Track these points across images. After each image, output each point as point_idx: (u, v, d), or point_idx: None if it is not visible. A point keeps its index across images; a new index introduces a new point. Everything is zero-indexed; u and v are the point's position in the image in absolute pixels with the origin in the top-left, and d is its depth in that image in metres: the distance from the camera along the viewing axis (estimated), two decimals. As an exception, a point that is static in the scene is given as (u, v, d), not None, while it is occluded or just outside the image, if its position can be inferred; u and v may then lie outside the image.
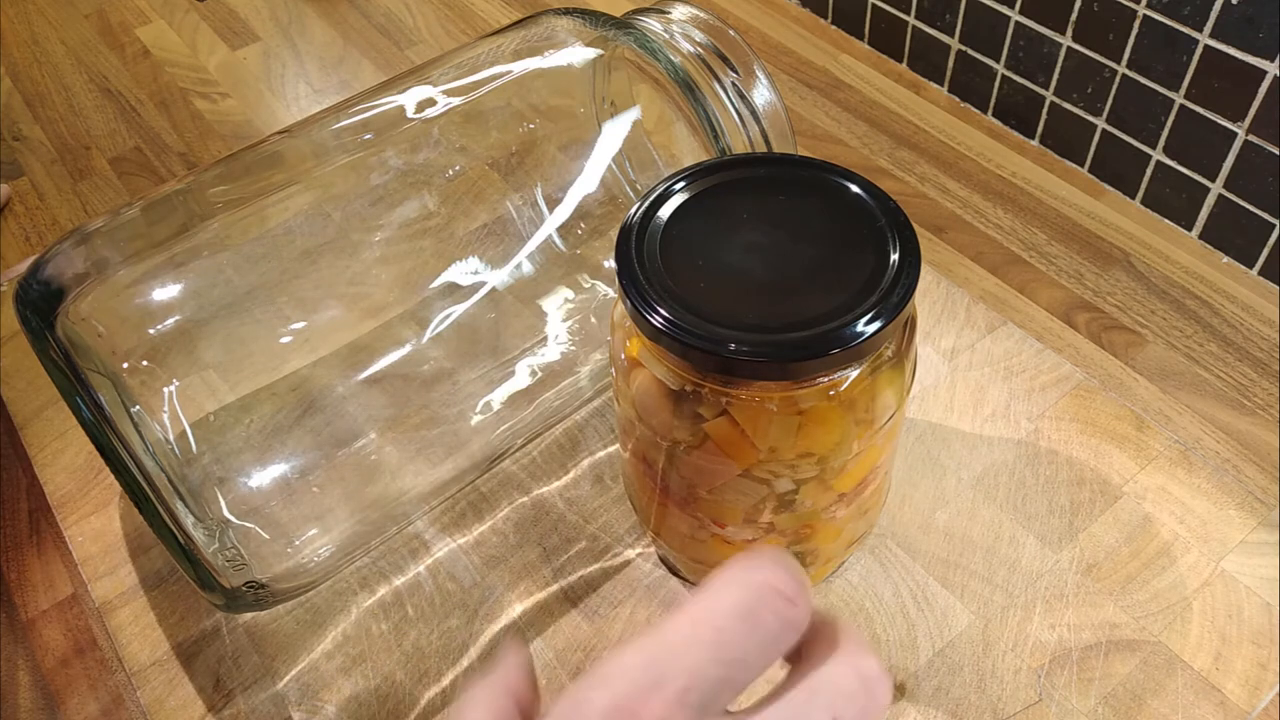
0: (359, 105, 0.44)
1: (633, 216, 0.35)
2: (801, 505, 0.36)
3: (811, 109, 0.65)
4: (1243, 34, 0.48)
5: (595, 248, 0.45)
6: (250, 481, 0.38)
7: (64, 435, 0.49)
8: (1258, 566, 0.42)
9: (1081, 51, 0.56)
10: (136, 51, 0.73)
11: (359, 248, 0.41)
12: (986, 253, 0.56)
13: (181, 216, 0.40)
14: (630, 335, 0.35)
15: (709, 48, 0.44)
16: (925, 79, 0.66)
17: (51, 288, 0.37)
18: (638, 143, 0.47)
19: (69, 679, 0.42)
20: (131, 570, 0.44)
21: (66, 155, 0.65)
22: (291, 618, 0.42)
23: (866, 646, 0.23)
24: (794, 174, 0.36)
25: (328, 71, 0.70)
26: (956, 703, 0.39)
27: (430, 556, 0.44)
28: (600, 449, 0.47)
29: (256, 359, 0.39)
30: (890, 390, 0.35)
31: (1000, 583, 0.42)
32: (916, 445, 0.47)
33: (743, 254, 0.33)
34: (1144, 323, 0.52)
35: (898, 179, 0.60)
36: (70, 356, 0.35)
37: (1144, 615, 0.41)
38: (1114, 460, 0.46)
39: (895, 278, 0.32)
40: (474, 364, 0.42)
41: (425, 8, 0.75)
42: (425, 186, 0.43)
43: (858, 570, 0.43)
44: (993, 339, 0.51)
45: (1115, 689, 0.39)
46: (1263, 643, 0.40)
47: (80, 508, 0.46)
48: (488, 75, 0.45)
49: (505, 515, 0.45)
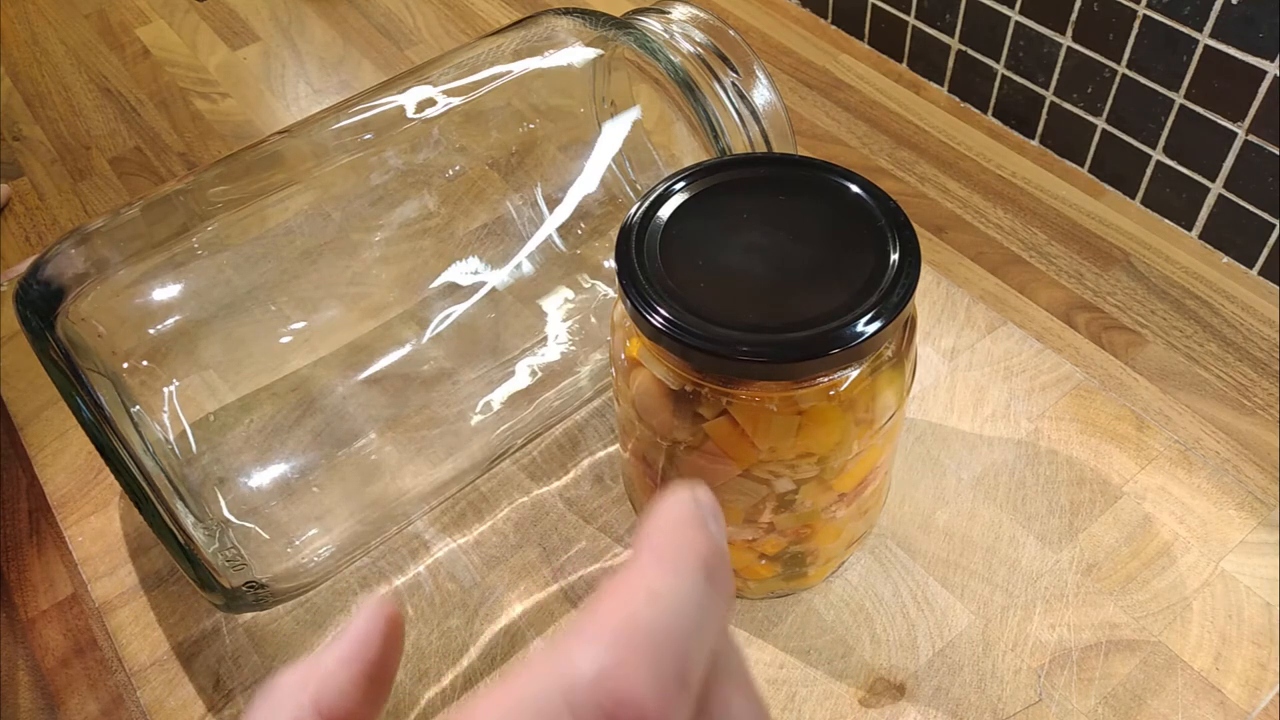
0: (359, 105, 0.44)
1: (633, 216, 0.35)
2: (801, 505, 0.36)
3: (811, 109, 0.65)
4: (1243, 34, 0.48)
5: (595, 248, 0.45)
6: (250, 481, 0.38)
7: (64, 435, 0.49)
8: (1258, 566, 0.42)
9: (1081, 51, 0.56)
10: (136, 51, 0.73)
11: (359, 248, 0.41)
12: (986, 253, 0.56)
13: (181, 216, 0.40)
14: (630, 335, 0.35)
15: (709, 48, 0.43)
16: (925, 79, 0.66)
17: (51, 288, 0.37)
18: (638, 143, 0.47)
19: (69, 679, 0.42)
20: (131, 570, 0.44)
21: (66, 155, 0.65)
22: (291, 618, 0.42)
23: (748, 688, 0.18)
24: (794, 174, 0.36)
25: (328, 71, 0.70)
26: (956, 703, 0.39)
27: (430, 556, 0.44)
28: (600, 449, 0.47)
29: (256, 359, 0.39)
30: (890, 390, 0.35)
31: (1000, 583, 0.42)
32: (916, 445, 0.47)
33: (743, 254, 0.33)
34: (1144, 323, 0.52)
35: (898, 179, 0.60)
36: (70, 356, 0.35)
37: (1144, 615, 0.41)
38: (1114, 460, 0.46)
39: (895, 278, 0.32)
40: (474, 364, 0.42)
41: (425, 8, 0.75)
42: (425, 186, 0.43)
43: (858, 570, 0.43)
44: (993, 339, 0.51)
45: (1115, 689, 0.39)
46: (1263, 643, 0.40)
47: (80, 508, 0.46)
48: (488, 75, 0.45)
49: (505, 515, 0.45)
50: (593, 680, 0.15)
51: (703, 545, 0.17)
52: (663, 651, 0.16)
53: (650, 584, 0.16)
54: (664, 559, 0.17)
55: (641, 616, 0.16)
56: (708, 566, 0.17)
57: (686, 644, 0.16)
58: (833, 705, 0.39)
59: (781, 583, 0.41)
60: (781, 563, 0.39)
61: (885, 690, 0.39)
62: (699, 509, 0.18)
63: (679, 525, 0.17)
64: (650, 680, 0.15)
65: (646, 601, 0.16)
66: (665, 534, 0.17)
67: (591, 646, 0.16)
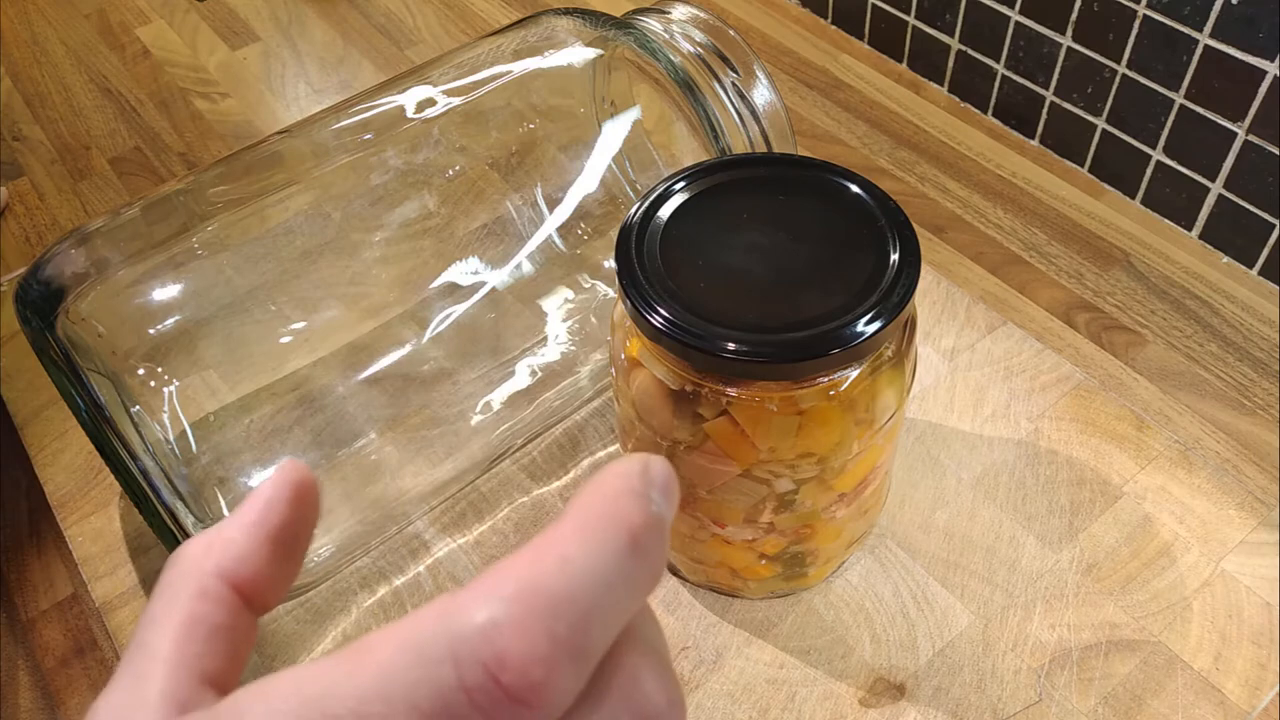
0: (359, 105, 0.44)
1: (633, 216, 0.35)
2: (801, 505, 0.36)
3: (811, 109, 0.65)
4: (1243, 34, 0.48)
5: (595, 248, 0.45)
6: (250, 481, 0.38)
7: (64, 435, 0.49)
8: (1258, 566, 0.42)
9: (1081, 51, 0.56)
10: (136, 51, 0.73)
11: (359, 248, 0.41)
12: (986, 253, 0.56)
13: (181, 216, 0.40)
14: (630, 335, 0.35)
15: (709, 48, 0.43)
16: (925, 79, 0.66)
17: (51, 288, 0.37)
18: (638, 143, 0.47)
19: (69, 679, 0.42)
20: (131, 570, 0.44)
21: (66, 155, 0.65)
22: (291, 618, 0.42)
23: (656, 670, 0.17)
24: (794, 174, 0.36)
25: (328, 71, 0.70)
26: (956, 703, 0.39)
27: (430, 556, 0.44)
28: (600, 449, 0.47)
29: (256, 359, 0.39)
30: (890, 390, 0.35)
31: (1000, 583, 0.42)
32: (916, 445, 0.47)
33: (743, 254, 0.33)
34: (1144, 323, 0.52)
35: (898, 179, 0.60)
36: (70, 356, 0.35)
37: (1144, 615, 0.41)
38: (1114, 460, 0.46)
39: (895, 278, 0.32)
40: (474, 364, 0.42)
41: (425, 8, 0.75)
42: (425, 186, 0.43)
43: (858, 570, 0.43)
44: (993, 339, 0.51)
45: (1115, 689, 0.39)
46: (1263, 643, 0.40)
47: (80, 508, 0.46)
48: (488, 75, 0.45)
49: (505, 515, 0.45)
50: (479, 632, 0.15)
51: (635, 517, 0.16)
52: (559, 617, 0.15)
53: (564, 549, 0.16)
54: (586, 526, 0.16)
55: (545, 579, 0.15)
56: (634, 539, 0.16)
57: (589, 614, 0.15)
58: (833, 705, 0.39)
59: (781, 583, 0.41)
60: (781, 563, 0.39)
61: (885, 690, 0.39)
62: (644, 480, 0.17)
63: (614, 495, 0.17)
64: (539, 643, 0.15)
65: (556, 565, 0.16)
66: (596, 502, 0.17)
67: (488, 600, 0.15)
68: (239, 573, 0.18)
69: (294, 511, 0.19)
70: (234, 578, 0.18)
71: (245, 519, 0.18)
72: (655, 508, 0.17)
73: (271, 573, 0.18)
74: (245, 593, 0.18)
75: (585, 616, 0.15)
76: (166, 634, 0.17)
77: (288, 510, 0.19)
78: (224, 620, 0.18)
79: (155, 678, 0.17)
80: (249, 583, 0.18)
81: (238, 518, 0.19)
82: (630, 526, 0.16)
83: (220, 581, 0.18)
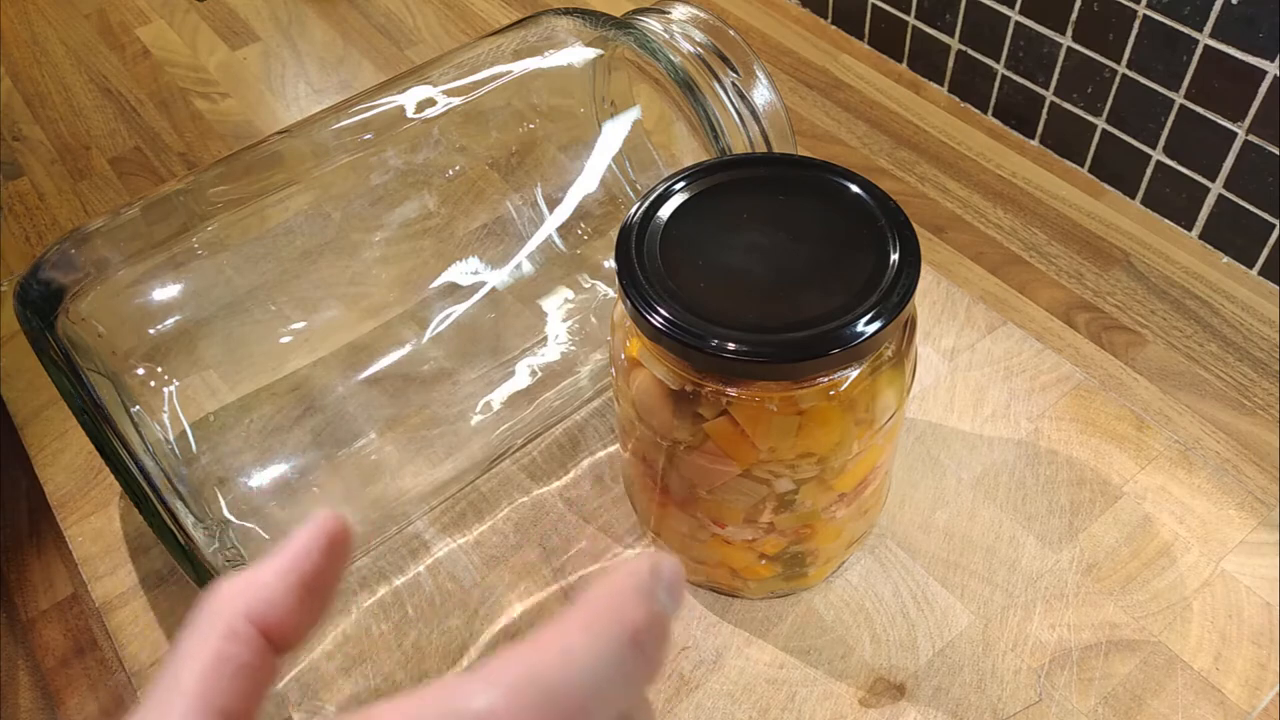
0: (359, 105, 0.44)
1: (633, 216, 0.35)
2: (801, 505, 0.36)
3: (811, 109, 0.65)
4: (1243, 34, 0.48)
5: (595, 248, 0.45)
6: (250, 481, 0.38)
7: (64, 435, 0.49)
8: (1258, 566, 0.42)
9: (1081, 51, 0.56)
10: (136, 51, 0.73)
11: (359, 248, 0.41)
12: (986, 253, 0.56)
13: (181, 216, 0.40)
14: (630, 335, 0.35)
15: (709, 48, 0.43)
16: (925, 79, 0.66)
17: (51, 288, 0.37)
18: (638, 143, 0.47)
19: (69, 679, 0.42)
20: (131, 570, 0.44)
21: (66, 155, 0.65)
22: (291, 618, 0.42)
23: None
24: (794, 174, 0.36)
25: (328, 71, 0.70)
26: (956, 703, 0.39)
27: (430, 556, 0.44)
28: (600, 449, 0.47)
29: (256, 359, 0.39)
30: (890, 390, 0.35)
31: (1000, 583, 0.42)
32: (916, 445, 0.47)
33: (743, 254, 0.33)
34: (1144, 323, 0.52)
35: (898, 179, 0.60)
36: (70, 356, 0.35)
37: (1144, 615, 0.41)
38: (1114, 460, 0.46)
39: (895, 278, 0.32)
40: (474, 364, 0.42)
41: (425, 8, 0.75)
42: (425, 186, 0.43)
43: (858, 570, 0.43)
44: (993, 339, 0.51)
45: (1115, 689, 0.39)
46: (1263, 643, 0.40)
47: (80, 508, 0.46)
48: (488, 75, 0.45)
49: (505, 515, 0.45)
50: (476, 718, 0.16)
51: (638, 616, 0.18)
52: (557, 708, 0.16)
53: (567, 643, 0.17)
54: (590, 622, 0.17)
55: (546, 670, 0.16)
56: (635, 636, 0.17)
57: (585, 705, 0.16)
58: (833, 705, 0.39)
59: (781, 583, 0.41)
60: (781, 563, 0.39)
61: (885, 690, 0.39)
62: (652, 579, 0.18)
63: (621, 592, 0.18)
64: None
65: (557, 657, 0.17)
66: (604, 597, 0.18)
67: (489, 687, 0.16)
68: (267, 616, 0.19)
69: (326, 560, 0.20)
70: (262, 620, 0.19)
71: (279, 564, 0.20)
72: (659, 606, 0.18)
73: (298, 618, 0.19)
74: (272, 634, 0.19)
75: (582, 708, 0.16)
76: (193, 670, 0.18)
77: (320, 559, 0.20)
78: (249, 660, 0.19)
79: (176, 712, 0.18)
80: (276, 626, 0.19)
81: (272, 563, 0.20)
82: (633, 623, 0.17)
83: (249, 623, 0.19)
